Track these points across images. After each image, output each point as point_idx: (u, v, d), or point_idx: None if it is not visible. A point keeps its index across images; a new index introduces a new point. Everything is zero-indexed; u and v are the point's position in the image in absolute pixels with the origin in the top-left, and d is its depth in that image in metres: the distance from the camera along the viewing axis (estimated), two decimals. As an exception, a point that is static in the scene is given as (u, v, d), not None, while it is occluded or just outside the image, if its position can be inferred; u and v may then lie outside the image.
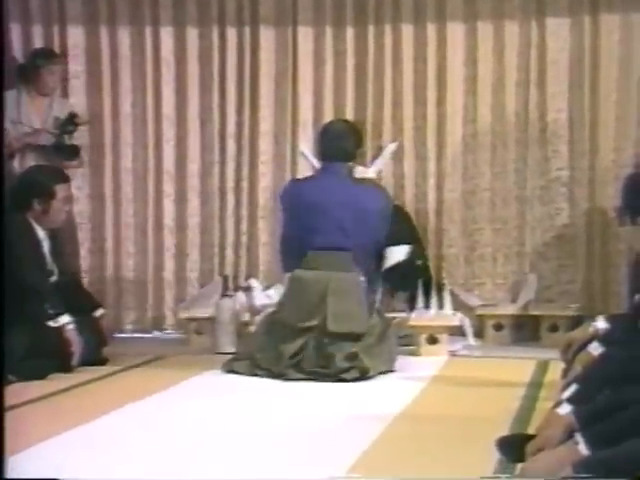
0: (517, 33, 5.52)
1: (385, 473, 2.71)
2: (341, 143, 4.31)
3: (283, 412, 3.56)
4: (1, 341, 2.29)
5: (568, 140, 5.51)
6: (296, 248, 4.28)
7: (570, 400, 2.61)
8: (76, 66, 5.67)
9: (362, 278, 4.26)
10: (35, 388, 3.83)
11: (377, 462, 2.85)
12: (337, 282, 4.17)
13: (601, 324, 3.29)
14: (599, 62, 5.44)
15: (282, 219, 4.57)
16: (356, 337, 4.15)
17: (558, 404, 2.65)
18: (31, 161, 4.99)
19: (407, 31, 5.58)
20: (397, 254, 5.24)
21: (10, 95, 5.07)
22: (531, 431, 2.81)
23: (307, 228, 4.23)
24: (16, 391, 3.61)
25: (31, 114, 5.15)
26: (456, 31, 5.54)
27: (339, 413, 3.50)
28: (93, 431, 3.21)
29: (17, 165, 5.00)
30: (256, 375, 4.16)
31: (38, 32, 5.66)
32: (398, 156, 5.64)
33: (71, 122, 5.13)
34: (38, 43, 5.61)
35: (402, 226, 5.45)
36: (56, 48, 5.56)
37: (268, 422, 3.37)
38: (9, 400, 2.34)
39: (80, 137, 5.28)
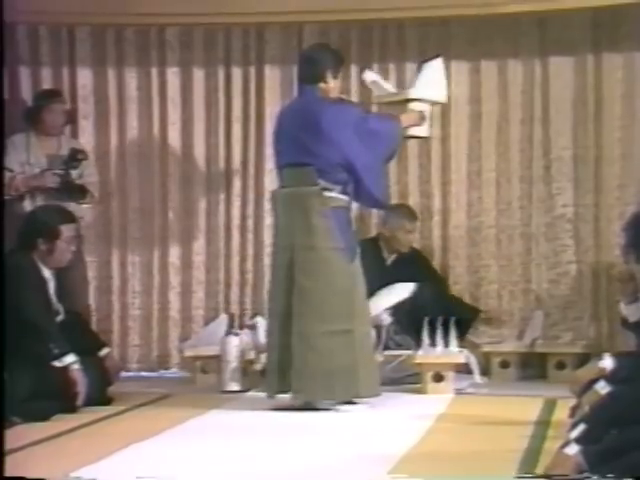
0: (521, 71, 5.56)
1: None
2: (309, 65, 4.46)
3: (287, 450, 3.53)
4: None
5: (572, 177, 5.53)
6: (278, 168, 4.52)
7: (578, 440, 2.59)
8: (85, 106, 5.72)
9: (329, 190, 4.33)
10: (39, 429, 3.81)
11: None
12: (300, 198, 4.33)
13: (608, 362, 3.28)
14: (602, 100, 5.46)
15: None
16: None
17: (566, 444, 2.63)
18: (41, 202, 5.00)
19: (411, 70, 5.61)
20: (402, 291, 5.25)
21: (19, 138, 5.12)
22: (539, 471, 2.79)
23: (278, 148, 4.48)
24: (20, 433, 3.60)
25: (40, 155, 5.16)
26: (460, 69, 5.58)
27: (343, 452, 3.47)
28: (97, 472, 3.18)
29: (28, 206, 5.01)
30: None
31: (48, 74, 5.70)
32: (403, 195, 5.66)
33: (74, 158, 5.15)
34: (47, 85, 5.64)
35: (411, 265, 5.44)
36: (65, 89, 5.60)
37: (272, 462, 3.34)
38: (13, 442, 2.34)
39: (88, 175, 5.29)
